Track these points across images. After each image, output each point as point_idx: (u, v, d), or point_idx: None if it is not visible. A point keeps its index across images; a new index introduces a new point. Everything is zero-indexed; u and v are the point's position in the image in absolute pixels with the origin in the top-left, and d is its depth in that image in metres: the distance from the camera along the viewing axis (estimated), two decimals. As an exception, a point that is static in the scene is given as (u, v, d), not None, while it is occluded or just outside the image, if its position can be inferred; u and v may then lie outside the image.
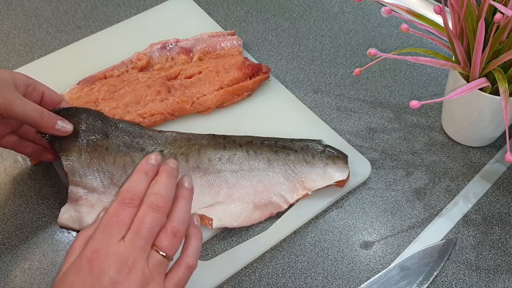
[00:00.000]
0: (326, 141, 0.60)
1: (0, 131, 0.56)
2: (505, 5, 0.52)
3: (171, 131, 0.60)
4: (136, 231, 0.41)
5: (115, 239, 0.41)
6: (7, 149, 0.61)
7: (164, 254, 0.42)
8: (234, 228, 0.57)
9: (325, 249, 0.56)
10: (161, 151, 0.58)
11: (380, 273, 0.54)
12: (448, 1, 0.55)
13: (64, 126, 0.55)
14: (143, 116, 0.64)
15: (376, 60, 0.57)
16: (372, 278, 0.53)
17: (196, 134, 0.61)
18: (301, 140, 0.60)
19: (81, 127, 0.57)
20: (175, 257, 0.44)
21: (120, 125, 0.59)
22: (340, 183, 0.58)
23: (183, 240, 0.44)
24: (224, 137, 0.60)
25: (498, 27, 0.52)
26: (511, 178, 0.62)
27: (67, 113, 0.57)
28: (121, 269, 0.40)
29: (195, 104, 0.66)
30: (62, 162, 0.56)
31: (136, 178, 0.43)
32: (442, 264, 0.54)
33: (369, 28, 0.80)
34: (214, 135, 0.60)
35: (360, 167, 0.61)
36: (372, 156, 0.64)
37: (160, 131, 0.60)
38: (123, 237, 0.41)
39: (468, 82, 0.56)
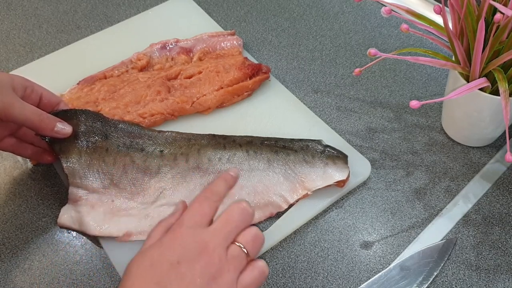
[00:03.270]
0: (326, 141, 0.60)
1: None
2: (505, 5, 0.52)
3: (170, 131, 0.60)
4: (224, 223, 0.43)
5: (199, 226, 0.42)
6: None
7: (244, 250, 0.42)
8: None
9: (325, 249, 0.56)
10: (161, 151, 0.58)
11: (380, 273, 0.54)
12: (448, 1, 0.55)
13: (64, 128, 0.55)
14: (143, 116, 0.64)
15: (376, 60, 0.57)
16: (372, 278, 0.53)
17: (196, 134, 0.61)
18: (301, 140, 0.60)
19: (80, 129, 0.57)
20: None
21: (120, 125, 0.59)
22: (340, 183, 0.58)
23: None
24: (224, 137, 0.60)
25: (498, 27, 0.52)
26: (511, 178, 0.62)
27: (66, 115, 0.57)
28: (201, 252, 0.41)
29: (195, 104, 0.66)
30: (62, 164, 0.56)
31: (218, 183, 0.47)
32: (442, 264, 0.54)
33: (369, 28, 0.80)
34: (214, 135, 0.60)
35: (360, 167, 0.61)
36: (372, 156, 0.64)
37: (160, 131, 0.60)
38: (207, 227, 0.43)
39: (468, 82, 0.56)
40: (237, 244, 0.42)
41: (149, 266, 0.40)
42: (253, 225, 0.57)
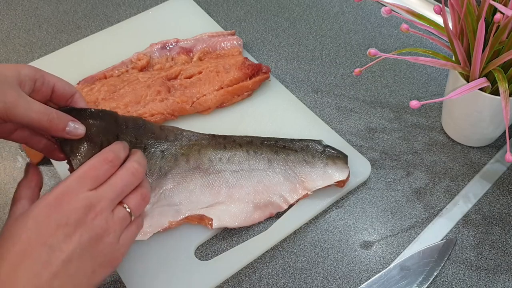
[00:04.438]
0: (326, 141, 0.60)
1: (9, 126, 0.51)
2: (505, 5, 0.52)
3: (172, 127, 0.59)
4: (111, 185, 0.44)
5: (87, 188, 0.43)
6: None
7: (129, 211, 0.45)
8: (234, 228, 0.57)
9: (325, 249, 0.56)
10: (162, 152, 0.58)
11: (380, 273, 0.54)
12: (448, 1, 0.55)
13: (76, 128, 0.49)
14: (143, 116, 0.64)
15: (376, 60, 0.57)
16: (372, 278, 0.53)
17: (197, 133, 0.60)
18: (301, 140, 0.60)
19: (94, 130, 0.51)
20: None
21: (129, 123, 0.55)
22: (340, 183, 0.58)
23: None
24: (224, 137, 0.60)
25: (498, 27, 0.52)
26: (511, 178, 0.62)
27: (79, 114, 0.51)
28: (88, 213, 0.42)
29: (195, 104, 0.66)
30: (73, 167, 0.50)
31: (119, 146, 0.48)
32: (442, 264, 0.54)
33: (369, 28, 0.80)
34: (214, 135, 0.60)
35: (360, 167, 0.61)
36: (372, 156, 0.64)
37: (165, 128, 0.58)
38: (95, 188, 0.44)
39: (468, 82, 0.56)
40: (124, 206, 0.45)
41: (35, 228, 0.41)
42: (252, 225, 0.58)
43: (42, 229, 0.41)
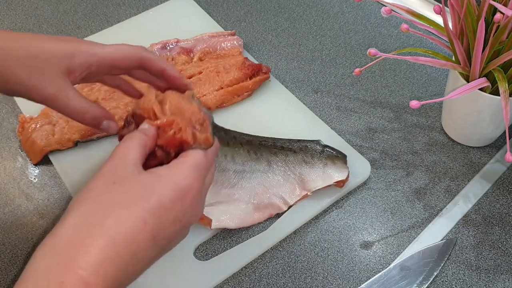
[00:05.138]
0: (326, 141, 0.60)
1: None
2: (505, 5, 0.52)
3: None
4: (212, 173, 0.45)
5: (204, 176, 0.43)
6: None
7: None
8: (234, 228, 0.57)
9: (325, 249, 0.56)
10: None
11: (380, 273, 0.54)
12: (448, 1, 0.55)
13: (110, 126, 0.48)
14: (143, 116, 0.64)
15: (376, 60, 0.57)
16: (372, 278, 0.53)
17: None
18: (299, 140, 0.60)
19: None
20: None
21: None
22: (340, 183, 0.58)
23: None
24: (225, 131, 0.59)
25: (498, 27, 0.52)
26: (511, 178, 0.62)
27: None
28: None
29: (195, 104, 0.66)
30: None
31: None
32: (442, 264, 0.54)
33: (369, 28, 0.80)
34: (216, 125, 0.58)
35: (360, 167, 0.61)
36: (372, 156, 0.64)
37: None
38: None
39: (468, 82, 0.56)
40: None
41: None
42: (253, 226, 0.58)
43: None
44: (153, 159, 0.43)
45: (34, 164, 0.63)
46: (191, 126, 0.43)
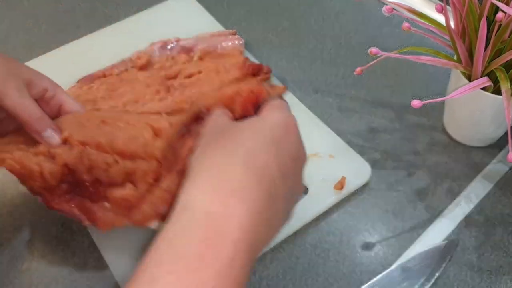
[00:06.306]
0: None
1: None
2: (507, 3, 0.52)
3: None
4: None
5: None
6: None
7: None
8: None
9: (326, 250, 0.56)
10: None
11: (381, 274, 0.53)
12: (450, 0, 0.54)
13: (52, 136, 0.48)
14: (143, 116, 0.64)
15: (377, 59, 0.57)
16: (374, 279, 0.53)
17: None
18: None
19: None
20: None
21: None
22: (338, 186, 0.58)
23: None
24: None
25: (500, 26, 0.51)
26: (513, 179, 0.61)
27: None
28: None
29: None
30: None
31: None
32: (444, 265, 0.54)
33: (370, 27, 0.79)
34: None
35: (360, 169, 0.61)
36: (374, 156, 0.64)
37: None
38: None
39: (470, 81, 0.55)
40: None
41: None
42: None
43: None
44: None
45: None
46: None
